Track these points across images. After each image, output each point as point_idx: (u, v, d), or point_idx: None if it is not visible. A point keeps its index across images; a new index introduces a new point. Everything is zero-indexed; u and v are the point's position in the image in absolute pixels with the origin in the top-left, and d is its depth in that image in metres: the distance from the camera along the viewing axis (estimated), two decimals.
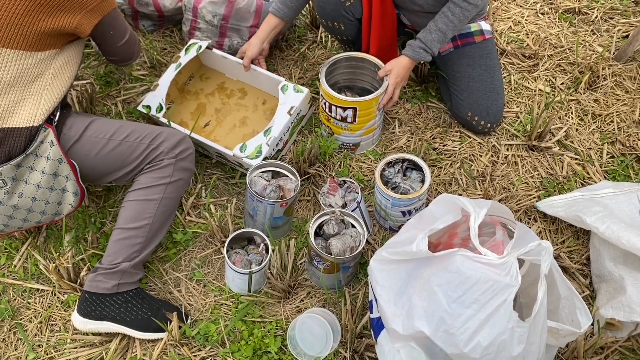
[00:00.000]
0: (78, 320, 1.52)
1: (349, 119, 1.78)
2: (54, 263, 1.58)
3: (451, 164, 1.89)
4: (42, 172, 1.44)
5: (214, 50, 1.98)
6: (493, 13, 2.32)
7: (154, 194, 1.54)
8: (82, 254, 1.67)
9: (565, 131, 1.95)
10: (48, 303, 1.61)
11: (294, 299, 1.62)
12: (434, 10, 1.78)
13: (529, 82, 2.10)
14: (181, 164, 1.57)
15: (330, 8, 1.85)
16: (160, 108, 1.82)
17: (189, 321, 1.56)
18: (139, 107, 1.84)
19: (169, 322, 1.53)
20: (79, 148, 1.51)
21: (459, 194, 1.81)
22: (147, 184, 1.54)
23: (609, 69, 2.11)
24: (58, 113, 1.49)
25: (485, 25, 1.91)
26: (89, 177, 1.56)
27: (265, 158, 1.74)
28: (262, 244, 1.62)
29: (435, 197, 1.43)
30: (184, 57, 1.93)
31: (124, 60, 1.68)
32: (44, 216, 1.51)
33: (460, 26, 1.75)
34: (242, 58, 1.92)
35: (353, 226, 1.60)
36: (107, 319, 1.51)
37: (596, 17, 2.30)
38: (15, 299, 1.63)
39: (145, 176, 1.55)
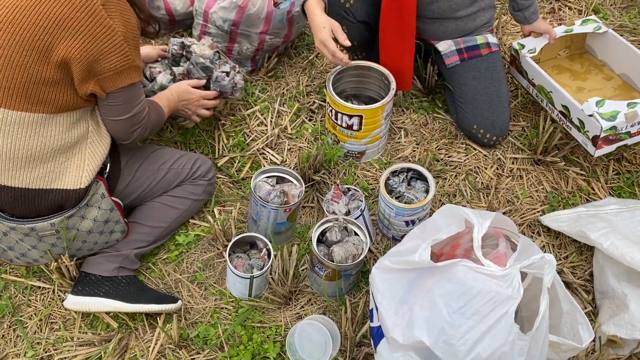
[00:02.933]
0: (70, 300, 1.53)
1: (355, 127, 1.78)
2: (56, 262, 1.58)
3: (456, 176, 1.89)
4: (94, 220, 1.49)
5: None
6: (502, 27, 2.33)
7: (179, 204, 1.65)
8: None
9: (571, 146, 1.94)
10: (49, 301, 1.61)
11: (295, 305, 1.61)
12: (455, 11, 1.80)
13: None
14: (209, 189, 1.73)
15: (329, 10, 1.79)
16: None
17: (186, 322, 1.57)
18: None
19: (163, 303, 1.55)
20: (128, 192, 1.57)
21: (463, 206, 1.80)
22: (176, 194, 1.65)
23: None
24: (109, 164, 1.51)
25: (491, 38, 1.92)
26: (136, 203, 1.64)
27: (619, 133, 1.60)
28: (264, 249, 1.62)
29: (438, 208, 1.42)
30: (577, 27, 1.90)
31: (118, 138, 1.51)
32: (92, 251, 1.59)
33: None
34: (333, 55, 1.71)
35: (356, 234, 1.60)
36: (98, 295, 1.52)
37: None
38: (16, 296, 1.63)
39: (178, 188, 1.65)
